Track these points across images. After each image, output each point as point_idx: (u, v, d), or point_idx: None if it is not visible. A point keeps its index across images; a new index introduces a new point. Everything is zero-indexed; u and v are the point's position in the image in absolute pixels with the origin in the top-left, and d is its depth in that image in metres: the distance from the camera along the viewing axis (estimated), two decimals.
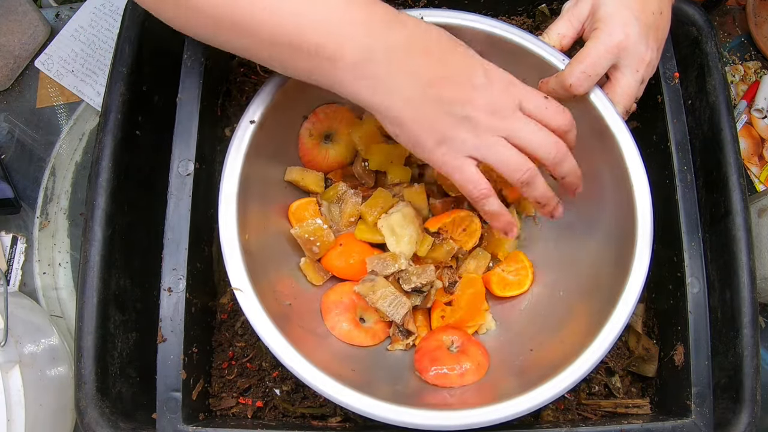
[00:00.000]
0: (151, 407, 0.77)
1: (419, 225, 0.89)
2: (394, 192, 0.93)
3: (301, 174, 0.92)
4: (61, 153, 1.16)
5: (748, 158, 1.24)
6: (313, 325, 0.86)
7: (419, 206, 0.91)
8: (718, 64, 1.01)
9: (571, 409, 0.88)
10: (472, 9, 1.08)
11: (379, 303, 0.83)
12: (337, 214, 0.91)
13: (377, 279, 0.85)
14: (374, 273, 0.86)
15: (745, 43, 1.30)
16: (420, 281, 0.84)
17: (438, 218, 0.90)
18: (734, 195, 0.92)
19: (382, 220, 0.88)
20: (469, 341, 0.86)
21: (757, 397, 0.85)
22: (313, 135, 0.92)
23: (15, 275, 1.08)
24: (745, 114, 1.26)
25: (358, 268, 0.88)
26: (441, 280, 0.89)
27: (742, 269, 0.90)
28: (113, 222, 0.86)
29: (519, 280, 0.91)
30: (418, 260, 0.90)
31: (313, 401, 0.86)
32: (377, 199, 0.90)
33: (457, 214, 0.89)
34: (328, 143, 0.94)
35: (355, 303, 0.87)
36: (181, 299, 0.79)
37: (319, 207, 0.93)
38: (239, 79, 1.00)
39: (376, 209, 0.89)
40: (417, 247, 0.88)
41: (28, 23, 1.16)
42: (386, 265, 0.85)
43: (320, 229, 0.88)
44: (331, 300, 0.88)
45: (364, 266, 0.88)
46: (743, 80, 1.28)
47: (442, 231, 0.89)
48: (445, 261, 0.90)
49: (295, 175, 0.92)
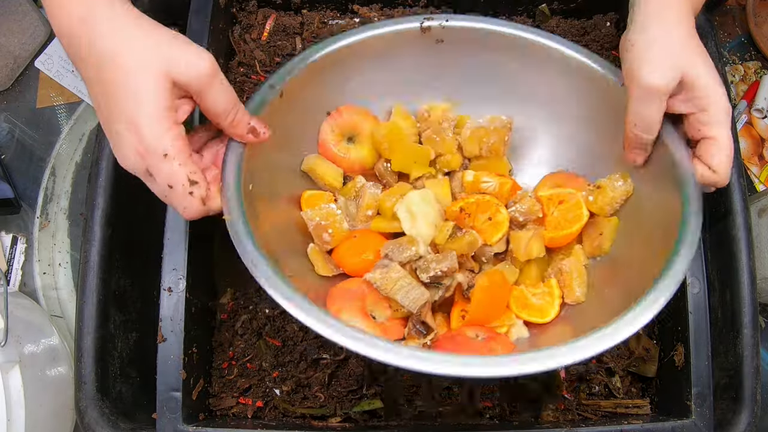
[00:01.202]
0: (151, 407, 0.77)
1: (439, 210, 0.81)
2: (416, 186, 0.86)
3: (321, 165, 0.84)
4: (61, 153, 1.16)
5: (748, 158, 1.24)
6: None
7: (441, 196, 0.83)
8: (718, 64, 1.01)
9: (571, 409, 0.88)
10: (473, 9, 1.08)
11: (393, 292, 0.72)
12: (354, 211, 0.84)
13: (391, 265, 0.74)
14: (388, 258, 0.75)
15: (745, 43, 1.30)
16: (440, 268, 0.73)
17: (461, 198, 0.82)
18: (734, 195, 0.92)
19: (399, 204, 0.79)
20: (497, 336, 0.75)
21: (757, 397, 0.85)
22: (335, 132, 0.87)
23: (15, 275, 1.08)
24: (745, 114, 1.26)
25: (371, 265, 0.78)
26: (459, 284, 0.79)
27: (742, 269, 0.90)
28: (113, 222, 0.86)
29: (542, 306, 0.79)
30: (436, 250, 0.80)
31: (313, 401, 0.86)
32: (397, 189, 0.82)
33: (482, 198, 0.80)
34: (350, 144, 0.89)
35: (365, 294, 0.75)
36: (181, 299, 0.79)
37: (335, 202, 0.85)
38: (239, 78, 1.00)
39: (395, 197, 0.80)
40: (436, 232, 0.78)
41: (28, 23, 1.16)
42: (402, 249, 0.75)
43: (333, 214, 0.78)
44: (338, 291, 0.77)
45: None
46: (743, 80, 1.28)
47: (464, 214, 0.80)
48: (467, 255, 0.79)
49: (313, 164, 0.84)
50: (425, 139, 0.88)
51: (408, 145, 0.86)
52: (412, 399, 0.87)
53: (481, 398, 0.88)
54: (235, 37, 1.01)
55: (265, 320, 0.90)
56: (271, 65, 1.01)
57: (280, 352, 0.89)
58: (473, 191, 0.84)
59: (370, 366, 0.87)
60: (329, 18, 1.04)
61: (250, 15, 1.03)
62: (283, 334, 0.89)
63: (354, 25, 1.03)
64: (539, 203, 0.84)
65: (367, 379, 0.87)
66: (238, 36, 1.02)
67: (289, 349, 0.89)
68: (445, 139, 0.87)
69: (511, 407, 0.89)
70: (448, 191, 0.84)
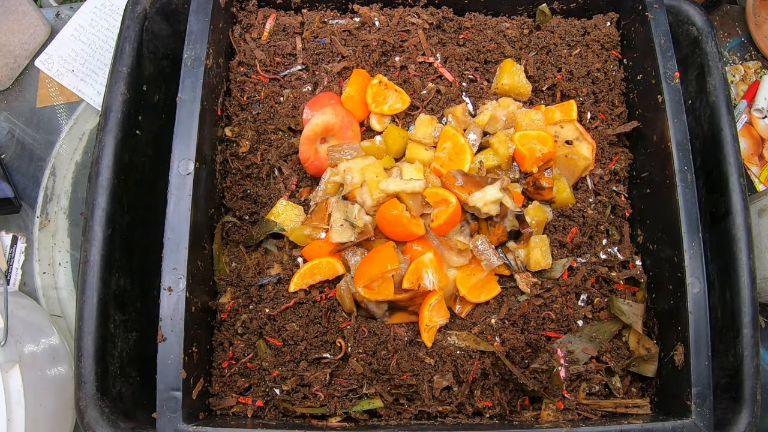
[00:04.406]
0: (151, 407, 0.77)
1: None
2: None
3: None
4: (61, 153, 1.16)
5: (748, 158, 1.24)
6: None
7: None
8: (718, 63, 1.01)
9: (571, 409, 0.88)
10: (473, 9, 1.08)
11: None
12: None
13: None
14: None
15: (745, 43, 1.30)
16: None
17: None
18: (734, 195, 0.92)
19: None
20: None
21: (757, 397, 0.85)
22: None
23: (15, 275, 1.08)
24: (745, 114, 1.26)
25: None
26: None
27: (742, 269, 0.90)
28: (113, 222, 0.86)
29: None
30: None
31: (314, 401, 0.86)
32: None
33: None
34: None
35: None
36: (181, 298, 0.79)
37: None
38: (239, 78, 1.00)
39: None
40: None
41: (28, 23, 1.16)
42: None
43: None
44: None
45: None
46: (743, 80, 1.28)
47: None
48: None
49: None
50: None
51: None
52: (412, 399, 0.87)
53: (481, 398, 0.88)
54: (236, 37, 1.01)
55: (265, 320, 0.90)
56: (271, 65, 1.01)
57: (280, 352, 0.89)
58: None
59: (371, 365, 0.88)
60: (329, 18, 1.04)
61: (250, 14, 1.03)
62: (283, 333, 0.89)
63: (354, 24, 1.03)
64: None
65: (367, 378, 0.87)
66: (238, 35, 1.02)
67: (289, 348, 0.89)
68: None
69: (511, 407, 0.89)
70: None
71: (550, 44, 1.06)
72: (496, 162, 0.97)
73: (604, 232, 0.99)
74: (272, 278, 0.92)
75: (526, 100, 1.03)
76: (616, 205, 1.01)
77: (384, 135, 0.99)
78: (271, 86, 1.00)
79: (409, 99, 1.00)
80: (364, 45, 1.02)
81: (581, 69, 1.04)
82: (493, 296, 0.93)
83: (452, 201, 0.90)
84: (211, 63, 0.90)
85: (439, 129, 0.98)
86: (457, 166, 0.95)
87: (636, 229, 0.99)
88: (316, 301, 0.91)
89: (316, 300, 0.91)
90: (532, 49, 1.05)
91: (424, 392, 0.87)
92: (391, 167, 0.95)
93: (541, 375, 0.87)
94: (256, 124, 0.98)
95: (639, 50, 1.01)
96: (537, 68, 1.04)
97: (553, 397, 0.88)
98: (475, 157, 0.96)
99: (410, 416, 0.87)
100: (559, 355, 0.90)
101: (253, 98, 0.99)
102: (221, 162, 0.96)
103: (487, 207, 0.90)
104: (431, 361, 0.88)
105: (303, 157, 0.95)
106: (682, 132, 0.91)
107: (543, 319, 0.92)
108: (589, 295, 0.95)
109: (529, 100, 1.04)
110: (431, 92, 1.02)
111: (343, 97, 0.98)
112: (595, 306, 0.95)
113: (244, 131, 0.97)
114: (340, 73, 1.01)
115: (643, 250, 0.97)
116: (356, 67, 1.01)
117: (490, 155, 0.97)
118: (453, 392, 0.88)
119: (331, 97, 0.98)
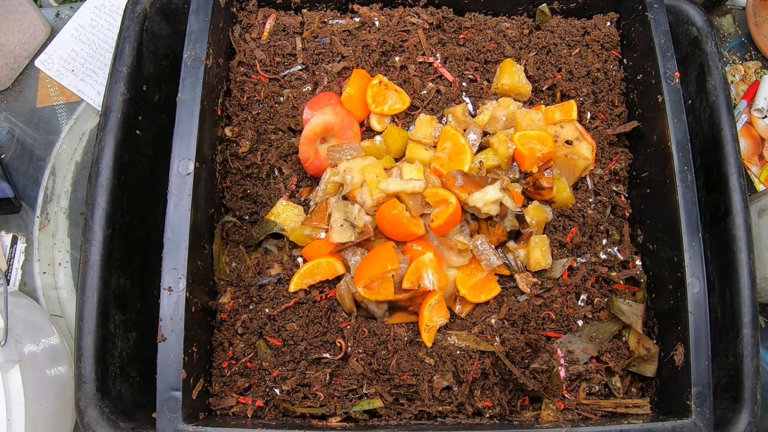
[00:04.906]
0: (151, 407, 0.77)
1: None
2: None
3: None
4: (61, 153, 1.16)
5: (748, 158, 1.24)
6: None
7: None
8: (718, 63, 1.01)
9: (571, 409, 0.88)
10: (473, 9, 1.08)
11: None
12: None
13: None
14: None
15: (745, 43, 1.30)
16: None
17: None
18: (734, 195, 0.92)
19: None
20: None
21: (757, 397, 0.85)
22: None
23: (15, 275, 1.08)
24: (745, 114, 1.26)
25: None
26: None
27: (742, 269, 0.90)
28: (113, 222, 0.86)
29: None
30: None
31: (314, 401, 0.86)
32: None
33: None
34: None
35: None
36: (181, 298, 0.79)
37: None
38: (239, 78, 1.00)
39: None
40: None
41: (28, 23, 1.16)
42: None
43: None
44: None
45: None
46: (743, 80, 1.28)
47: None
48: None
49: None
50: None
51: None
52: (412, 399, 0.87)
53: (481, 398, 0.88)
54: (236, 37, 1.01)
55: (265, 320, 0.90)
56: (271, 65, 1.01)
57: (280, 352, 0.89)
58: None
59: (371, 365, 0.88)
60: (329, 18, 1.04)
61: (250, 14, 1.03)
62: (283, 333, 0.89)
63: (354, 24, 1.03)
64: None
65: (367, 378, 0.87)
66: (238, 35, 1.02)
67: (289, 348, 0.89)
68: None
69: (511, 407, 0.89)
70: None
71: (550, 44, 1.06)
72: (496, 162, 0.97)
73: (604, 232, 0.99)
74: (272, 278, 0.92)
75: (526, 100, 1.03)
76: (616, 205, 1.01)
77: (384, 135, 0.99)
78: (271, 86, 1.00)
79: (409, 99, 1.00)
80: (364, 45, 1.02)
81: (581, 69, 1.04)
82: (493, 296, 0.94)
83: (452, 201, 0.90)
84: (211, 63, 0.90)
85: (439, 129, 0.98)
86: (457, 166, 0.95)
87: (636, 229, 1.00)
88: (316, 301, 0.91)
89: (316, 300, 0.91)
90: (532, 49, 1.05)
91: (424, 392, 0.87)
92: (391, 167, 0.95)
93: (541, 375, 0.87)
94: (256, 124, 0.98)
95: (639, 50, 1.01)
96: (537, 68, 1.04)
97: (553, 397, 0.88)
98: (475, 157, 0.96)
99: (410, 416, 0.87)
100: (559, 355, 0.90)
101: (253, 98, 0.99)
102: (221, 162, 0.96)
103: (487, 207, 0.90)
104: (431, 361, 0.88)
105: (303, 157, 0.95)
106: (682, 132, 0.91)
107: (543, 319, 0.92)
108: (589, 295, 0.95)
109: (529, 100, 1.04)
110: (431, 92, 1.02)
111: (343, 97, 0.98)
112: (595, 306, 0.95)
113: (244, 131, 0.97)
114: (340, 73, 1.01)
115: (643, 250, 0.98)
116: (356, 67, 1.01)
117: (490, 155, 0.97)
118: (453, 392, 0.88)
119: (331, 97, 0.98)
